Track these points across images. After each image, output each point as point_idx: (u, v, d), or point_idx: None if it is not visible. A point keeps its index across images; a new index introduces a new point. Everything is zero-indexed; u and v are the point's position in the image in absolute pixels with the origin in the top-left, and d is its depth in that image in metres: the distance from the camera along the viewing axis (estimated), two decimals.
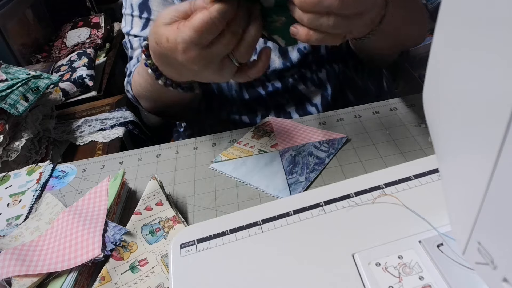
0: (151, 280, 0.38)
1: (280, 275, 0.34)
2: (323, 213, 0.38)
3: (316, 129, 0.53)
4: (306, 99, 0.64)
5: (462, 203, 0.27)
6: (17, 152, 0.65)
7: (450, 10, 0.25)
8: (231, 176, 0.48)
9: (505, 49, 0.19)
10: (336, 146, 0.49)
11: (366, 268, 0.32)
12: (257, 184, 0.46)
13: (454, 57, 0.25)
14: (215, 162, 0.51)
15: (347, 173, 0.46)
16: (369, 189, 0.40)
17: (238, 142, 0.54)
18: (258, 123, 0.57)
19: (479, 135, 0.23)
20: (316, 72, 0.63)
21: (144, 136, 0.85)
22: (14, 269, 0.38)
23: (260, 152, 0.51)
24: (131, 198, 0.49)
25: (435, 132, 0.31)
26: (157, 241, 0.41)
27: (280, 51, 0.61)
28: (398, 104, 0.56)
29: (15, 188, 0.54)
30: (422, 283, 0.31)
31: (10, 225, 0.48)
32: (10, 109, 0.64)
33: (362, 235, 0.36)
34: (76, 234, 0.41)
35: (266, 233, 0.38)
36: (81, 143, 0.75)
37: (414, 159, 0.45)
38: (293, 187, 0.45)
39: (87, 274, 0.39)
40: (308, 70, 0.63)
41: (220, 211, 0.44)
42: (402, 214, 0.37)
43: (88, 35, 1.32)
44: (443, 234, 0.33)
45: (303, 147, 0.50)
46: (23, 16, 1.27)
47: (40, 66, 1.15)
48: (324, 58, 0.63)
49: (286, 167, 0.48)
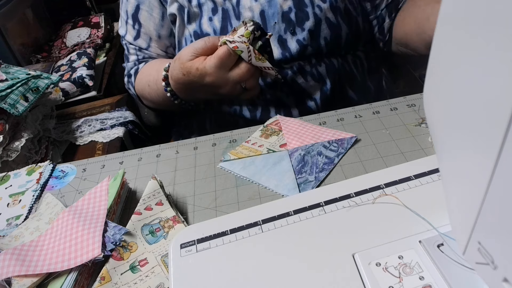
0: (151, 280, 0.38)
1: (280, 275, 0.34)
2: (323, 213, 0.38)
3: (325, 128, 0.53)
4: (305, 94, 0.65)
5: (463, 203, 0.27)
6: (17, 152, 0.65)
7: (450, 9, 0.25)
8: (240, 176, 0.48)
9: (505, 48, 0.19)
10: (346, 146, 0.49)
11: (366, 268, 0.32)
12: (266, 184, 0.46)
13: (455, 57, 0.25)
14: (224, 161, 0.51)
15: (347, 173, 0.46)
16: (369, 189, 0.40)
17: (247, 141, 0.54)
18: (266, 123, 0.57)
19: (480, 135, 0.23)
20: (315, 66, 0.64)
21: (144, 136, 0.85)
22: (14, 269, 0.38)
23: (269, 151, 0.51)
24: (131, 198, 0.49)
25: (435, 132, 0.31)
26: (157, 241, 0.41)
27: (279, 41, 0.62)
28: (398, 104, 0.56)
29: (15, 188, 0.54)
30: (422, 283, 0.31)
31: (10, 225, 0.48)
32: (10, 109, 0.64)
33: (363, 235, 0.35)
34: (76, 234, 0.41)
35: (266, 233, 0.38)
36: (81, 143, 0.75)
37: (414, 159, 0.45)
38: (303, 187, 0.45)
39: (87, 274, 0.39)
40: (307, 63, 0.64)
41: (220, 211, 0.44)
42: (402, 214, 0.37)
43: (88, 35, 1.32)
44: (444, 234, 0.33)
45: (312, 146, 0.50)
46: (23, 16, 1.27)
47: (40, 66, 1.15)
48: (323, 52, 0.64)
49: (295, 166, 0.48)
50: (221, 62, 0.51)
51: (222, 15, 0.63)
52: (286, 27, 0.62)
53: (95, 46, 1.24)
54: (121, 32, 0.74)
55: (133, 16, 0.70)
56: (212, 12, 0.63)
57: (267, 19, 0.62)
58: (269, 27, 0.62)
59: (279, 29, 0.62)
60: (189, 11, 0.64)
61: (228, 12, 0.63)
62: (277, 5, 0.61)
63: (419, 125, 0.51)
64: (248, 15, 0.62)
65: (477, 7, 0.21)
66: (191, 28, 0.65)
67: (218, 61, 0.51)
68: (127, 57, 0.75)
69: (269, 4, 0.62)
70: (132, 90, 0.77)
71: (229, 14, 0.63)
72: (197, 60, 0.53)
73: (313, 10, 0.62)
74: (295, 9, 0.61)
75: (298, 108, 0.64)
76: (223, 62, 0.52)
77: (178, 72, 0.56)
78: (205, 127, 0.73)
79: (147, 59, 0.73)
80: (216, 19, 0.63)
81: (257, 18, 0.62)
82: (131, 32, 0.71)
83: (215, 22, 0.63)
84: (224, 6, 0.63)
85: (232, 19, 0.62)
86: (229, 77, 0.53)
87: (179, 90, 0.60)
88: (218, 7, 0.63)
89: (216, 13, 0.63)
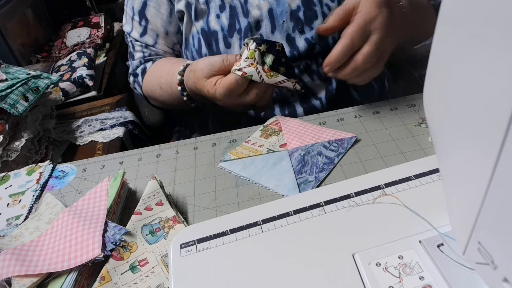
0: (151, 280, 0.37)
1: (280, 275, 0.34)
2: (323, 213, 0.38)
3: (325, 128, 0.53)
4: (311, 92, 0.65)
5: (463, 203, 0.27)
6: (17, 152, 0.65)
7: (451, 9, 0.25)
8: (240, 176, 0.49)
9: (505, 48, 0.19)
10: (346, 146, 0.49)
11: (366, 268, 0.32)
12: (266, 184, 0.46)
13: (455, 57, 0.25)
14: (224, 161, 0.51)
15: (347, 173, 0.46)
16: (369, 189, 0.40)
17: (247, 141, 0.54)
18: (266, 123, 0.57)
19: (480, 135, 0.23)
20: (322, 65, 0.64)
21: (144, 136, 0.85)
22: (14, 269, 0.38)
23: (269, 151, 0.51)
24: (131, 198, 0.49)
25: (435, 132, 0.31)
26: (157, 241, 0.41)
27: (288, 39, 0.62)
28: (398, 104, 0.56)
29: (15, 188, 0.54)
30: (422, 283, 0.31)
31: (10, 225, 0.48)
32: (10, 109, 0.64)
33: (362, 235, 0.35)
34: (76, 234, 0.41)
35: (266, 233, 0.38)
36: (81, 143, 0.75)
37: (414, 159, 0.45)
38: (303, 187, 0.45)
39: (87, 274, 0.39)
40: (314, 62, 0.64)
41: (220, 211, 0.44)
42: (403, 214, 0.37)
43: (88, 35, 1.32)
44: (444, 234, 0.33)
45: (312, 146, 0.50)
46: (23, 16, 1.27)
47: (40, 66, 1.15)
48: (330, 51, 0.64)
49: (296, 166, 0.48)
50: (229, 92, 0.51)
51: (230, 12, 0.63)
52: (294, 25, 0.62)
53: (95, 46, 1.24)
54: (126, 29, 0.73)
55: (140, 13, 0.69)
56: (219, 9, 0.63)
57: (275, 17, 0.62)
58: (278, 25, 0.62)
59: (287, 27, 0.62)
60: (197, 8, 0.64)
61: (236, 9, 0.63)
62: (285, 4, 0.61)
63: (419, 125, 0.51)
64: (256, 13, 0.62)
65: (477, 7, 0.21)
66: (198, 25, 0.65)
67: (226, 91, 0.51)
68: (132, 54, 0.75)
69: (278, 2, 0.62)
70: (138, 90, 0.76)
71: (236, 11, 0.63)
72: (209, 83, 0.53)
73: (322, 9, 0.62)
74: (304, 7, 0.61)
75: (303, 107, 0.65)
76: (232, 91, 0.51)
77: (192, 84, 0.57)
78: (207, 125, 0.73)
79: (153, 56, 0.73)
80: (224, 16, 0.63)
81: (265, 16, 0.62)
82: (137, 29, 0.71)
83: (222, 20, 0.63)
84: (232, 3, 0.63)
85: (240, 17, 0.62)
86: (240, 103, 0.54)
87: (195, 96, 0.61)
88: (226, 4, 0.63)
89: (223, 10, 0.63)
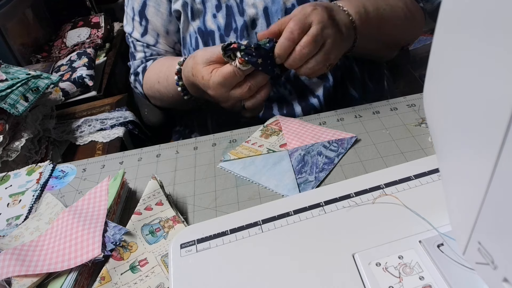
0: (151, 280, 0.37)
1: (280, 275, 0.34)
2: (323, 213, 0.38)
3: (325, 128, 0.53)
4: (308, 91, 0.65)
5: (463, 203, 0.27)
6: (17, 152, 0.65)
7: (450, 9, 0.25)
8: (240, 176, 0.48)
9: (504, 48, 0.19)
10: (346, 146, 0.49)
11: (366, 268, 0.32)
12: (266, 184, 0.46)
13: (455, 57, 0.25)
14: (224, 161, 0.51)
15: (347, 173, 0.46)
16: (369, 189, 0.40)
17: (247, 141, 0.54)
18: (266, 123, 0.57)
19: (480, 135, 0.23)
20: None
21: (144, 136, 0.85)
22: (14, 269, 0.38)
23: (269, 151, 0.51)
24: (131, 198, 0.49)
25: (435, 132, 0.31)
26: (157, 241, 0.41)
27: None
28: (398, 104, 0.56)
29: (15, 188, 0.54)
30: (422, 283, 0.31)
31: (10, 225, 0.48)
32: (10, 109, 0.64)
33: (362, 235, 0.35)
34: (76, 234, 0.41)
35: (266, 233, 0.38)
36: (81, 143, 0.75)
37: (414, 159, 0.45)
38: (303, 187, 0.45)
39: (87, 274, 0.39)
40: None
41: (220, 211, 0.44)
42: (402, 214, 0.37)
43: (88, 35, 1.32)
44: (444, 234, 0.33)
45: (312, 146, 0.50)
46: (23, 16, 1.27)
47: (40, 66, 1.15)
48: None
49: (295, 166, 0.48)
50: (225, 81, 0.51)
51: (226, 12, 0.63)
52: None
53: (95, 46, 1.24)
54: (127, 29, 0.73)
55: (140, 13, 0.69)
56: (216, 9, 0.64)
57: (270, 15, 0.62)
58: (273, 23, 0.62)
59: None
60: (193, 7, 0.64)
61: (232, 8, 0.63)
62: (280, 2, 0.62)
63: (419, 125, 0.51)
64: (252, 12, 0.62)
65: (476, 8, 0.21)
66: (195, 24, 0.65)
67: (222, 79, 0.51)
68: (133, 55, 0.75)
69: (273, 1, 0.62)
70: (139, 88, 0.76)
71: (233, 10, 0.63)
72: (206, 69, 0.53)
73: None
74: (298, 5, 0.62)
75: (301, 105, 0.65)
76: (227, 81, 0.51)
77: (189, 70, 0.56)
78: (207, 125, 0.73)
79: (154, 56, 0.73)
80: (220, 15, 0.63)
81: (261, 15, 0.62)
82: (138, 29, 0.71)
83: (219, 19, 0.63)
84: (228, 2, 0.63)
85: (236, 16, 0.63)
86: (230, 96, 0.53)
87: (189, 86, 0.61)
88: (222, 4, 0.63)
89: (220, 10, 0.63)
